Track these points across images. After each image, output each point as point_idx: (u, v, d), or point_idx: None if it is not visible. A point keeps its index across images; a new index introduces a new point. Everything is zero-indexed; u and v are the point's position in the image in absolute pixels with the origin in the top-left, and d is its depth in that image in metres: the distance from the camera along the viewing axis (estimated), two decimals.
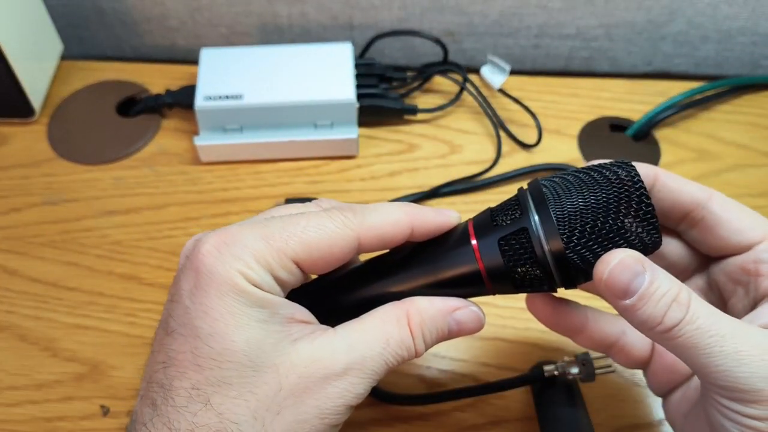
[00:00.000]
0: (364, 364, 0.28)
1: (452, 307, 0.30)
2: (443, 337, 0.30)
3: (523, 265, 0.29)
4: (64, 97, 0.58)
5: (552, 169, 0.53)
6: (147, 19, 0.62)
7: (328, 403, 0.27)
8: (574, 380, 0.41)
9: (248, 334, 0.27)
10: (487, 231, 0.29)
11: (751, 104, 0.58)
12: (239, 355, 0.26)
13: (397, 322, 0.29)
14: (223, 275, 0.27)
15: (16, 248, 0.49)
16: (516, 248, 0.28)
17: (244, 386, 0.26)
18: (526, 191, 0.30)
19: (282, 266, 0.28)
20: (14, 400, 0.42)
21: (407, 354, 0.29)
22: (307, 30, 0.62)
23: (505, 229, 0.29)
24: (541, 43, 0.62)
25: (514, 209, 0.29)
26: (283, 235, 0.28)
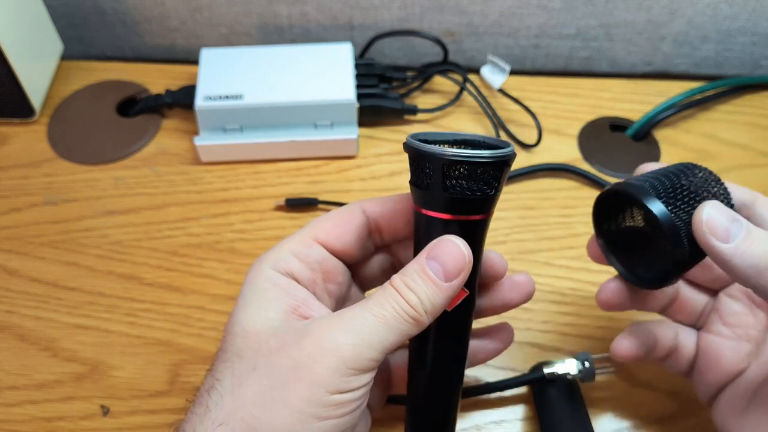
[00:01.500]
0: (344, 321, 0.29)
1: (425, 253, 0.30)
2: (435, 283, 0.29)
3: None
4: (64, 97, 0.58)
5: (552, 169, 0.53)
6: (147, 19, 0.62)
7: (305, 359, 0.28)
8: (574, 380, 0.41)
9: (253, 312, 0.30)
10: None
11: (751, 104, 0.58)
12: (239, 328, 0.30)
13: (382, 289, 0.29)
14: (257, 265, 0.32)
15: (17, 248, 0.49)
16: None
17: (232, 351, 0.29)
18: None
19: (305, 245, 0.32)
20: (14, 400, 0.42)
21: (398, 305, 0.29)
22: (307, 30, 0.62)
23: None
24: (541, 43, 0.62)
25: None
26: (307, 227, 0.33)
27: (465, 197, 0.29)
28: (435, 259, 0.29)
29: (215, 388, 0.28)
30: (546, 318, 0.46)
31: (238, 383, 0.28)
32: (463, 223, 0.30)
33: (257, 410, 0.27)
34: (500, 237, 0.50)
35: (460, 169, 0.29)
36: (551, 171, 0.54)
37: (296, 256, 0.32)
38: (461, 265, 0.29)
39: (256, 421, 0.27)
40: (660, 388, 0.43)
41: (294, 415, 0.27)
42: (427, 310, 0.29)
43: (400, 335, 0.29)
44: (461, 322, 0.32)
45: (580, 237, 0.50)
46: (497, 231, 0.50)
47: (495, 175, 0.29)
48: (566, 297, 0.47)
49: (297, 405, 0.27)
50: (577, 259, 0.48)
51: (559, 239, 0.50)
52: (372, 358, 0.28)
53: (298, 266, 0.32)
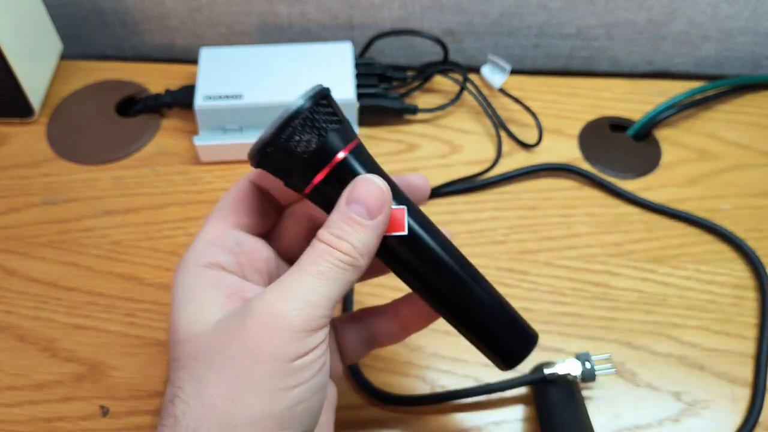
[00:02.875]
0: (281, 289, 0.28)
1: (343, 200, 0.29)
2: (362, 224, 0.29)
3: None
4: (63, 97, 0.58)
5: (553, 169, 0.53)
6: (146, 18, 0.62)
7: (256, 340, 0.27)
8: (574, 381, 0.41)
9: (191, 314, 0.29)
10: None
11: (751, 104, 0.58)
12: (183, 334, 0.29)
13: (311, 247, 0.29)
14: (181, 267, 0.31)
15: (16, 248, 0.49)
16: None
17: (185, 357, 0.29)
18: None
19: (219, 233, 0.32)
20: (13, 400, 0.42)
21: (332, 256, 0.28)
22: (307, 29, 0.62)
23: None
24: (542, 42, 0.62)
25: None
26: (213, 216, 0.33)
27: (322, 141, 0.29)
28: (355, 202, 0.29)
29: (179, 397, 0.28)
30: (547, 318, 0.46)
31: (200, 386, 0.27)
32: (345, 162, 0.30)
33: (228, 406, 0.27)
34: (500, 237, 0.50)
35: (293, 127, 0.29)
36: (551, 171, 0.53)
37: (215, 246, 0.31)
38: (381, 198, 0.29)
39: (230, 417, 0.27)
40: (661, 389, 0.43)
41: (265, 397, 0.27)
42: (362, 253, 0.29)
43: (342, 285, 0.29)
44: (424, 229, 0.31)
45: (580, 237, 0.50)
46: (497, 231, 0.50)
47: (324, 110, 0.29)
48: (567, 297, 0.47)
49: (265, 386, 0.27)
50: (578, 259, 0.48)
51: (560, 239, 0.50)
52: (321, 316, 0.28)
53: (221, 255, 0.31)
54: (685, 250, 0.49)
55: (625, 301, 0.46)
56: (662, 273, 0.48)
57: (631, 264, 0.48)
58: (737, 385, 0.43)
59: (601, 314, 0.46)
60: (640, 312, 0.46)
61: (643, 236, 0.50)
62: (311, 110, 0.29)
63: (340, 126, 0.30)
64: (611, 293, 0.47)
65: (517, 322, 0.33)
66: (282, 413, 0.27)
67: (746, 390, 0.43)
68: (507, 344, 0.33)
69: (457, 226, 0.50)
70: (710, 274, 0.48)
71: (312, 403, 0.28)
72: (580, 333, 0.44)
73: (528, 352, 0.33)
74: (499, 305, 0.33)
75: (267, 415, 0.27)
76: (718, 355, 0.44)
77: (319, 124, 0.29)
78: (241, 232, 0.32)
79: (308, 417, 0.28)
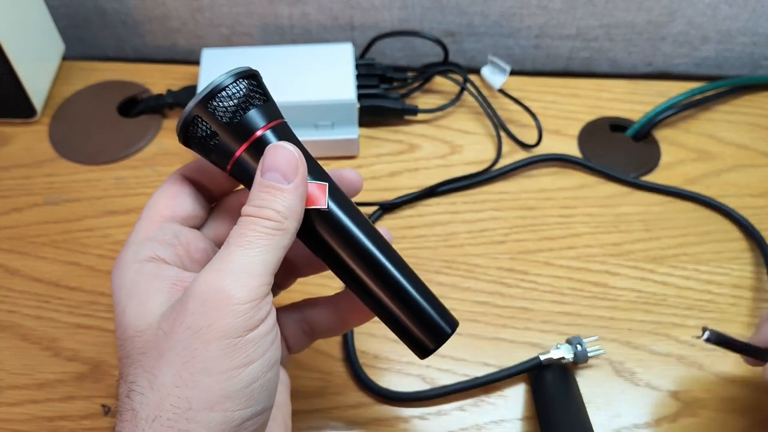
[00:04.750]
0: (213, 266, 0.28)
1: (258, 173, 0.30)
2: (281, 189, 0.29)
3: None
4: (65, 98, 0.58)
5: (551, 159, 0.53)
6: (148, 19, 0.62)
7: (200, 321, 0.27)
8: (569, 369, 0.42)
9: (136, 309, 0.29)
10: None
11: (751, 104, 0.58)
12: (131, 331, 0.29)
13: (237, 223, 0.29)
14: (119, 265, 0.31)
15: (18, 248, 0.49)
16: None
17: (135, 352, 0.28)
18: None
19: (155, 227, 0.32)
20: (16, 399, 0.42)
21: (257, 225, 0.29)
22: (308, 30, 0.62)
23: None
24: (542, 43, 0.62)
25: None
26: (147, 211, 0.33)
27: (246, 115, 0.30)
28: (269, 170, 0.29)
29: (134, 391, 0.27)
30: (546, 318, 0.46)
31: (153, 376, 0.27)
32: (265, 138, 0.30)
33: (183, 391, 0.26)
34: (500, 237, 0.50)
35: (217, 99, 0.30)
36: (552, 170, 0.54)
37: (153, 240, 0.31)
38: (293, 160, 0.29)
39: (187, 403, 0.26)
40: (660, 388, 0.43)
41: (221, 378, 0.27)
42: (287, 216, 0.29)
43: (275, 249, 0.29)
44: (343, 206, 0.31)
45: (580, 237, 0.50)
46: (497, 231, 0.50)
47: (250, 87, 0.31)
48: (566, 297, 0.47)
49: (217, 366, 0.27)
50: (577, 259, 0.49)
51: (559, 239, 0.50)
52: (261, 284, 0.28)
53: (159, 249, 0.31)
54: (684, 250, 0.49)
55: (624, 301, 0.47)
56: (661, 273, 0.48)
57: (630, 264, 0.48)
58: (736, 384, 0.43)
59: (601, 314, 0.46)
60: (639, 312, 0.46)
61: (642, 236, 0.50)
62: (235, 84, 0.30)
63: (264, 105, 0.31)
64: (610, 293, 0.47)
65: (434, 310, 0.32)
66: (238, 392, 0.27)
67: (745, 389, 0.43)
68: (422, 331, 0.32)
69: (457, 226, 0.50)
70: (709, 274, 0.48)
71: (267, 379, 0.28)
72: (580, 332, 0.45)
73: (441, 342, 0.32)
74: (417, 291, 0.32)
75: (224, 395, 0.27)
76: (716, 355, 0.44)
77: (244, 98, 0.30)
78: (177, 224, 0.32)
79: (266, 394, 0.28)
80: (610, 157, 0.54)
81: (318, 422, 0.41)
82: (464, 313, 0.46)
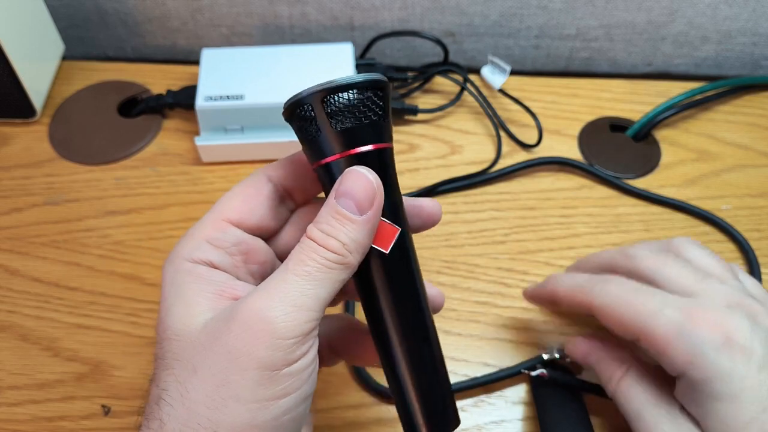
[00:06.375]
0: (268, 292, 0.27)
1: (333, 194, 0.28)
2: (351, 219, 0.27)
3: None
4: (65, 98, 0.58)
5: (551, 162, 0.54)
6: (148, 19, 0.62)
7: (240, 345, 0.26)
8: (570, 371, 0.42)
9: (179, 311, 0.28)
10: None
11: (751, 104, 0.58)
12: (170, 332, 0.28)
13: (299, 245, 0.28)
14: (172, 260, 0.29)
15: (18, 248, 0.49)
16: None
17: (170, 356, 0.28)
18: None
19: (217, 229, 0.30)
20: (16, 399, 0.42)
21: (320, 255, 0.27)
22: (308, 30, 0.62)
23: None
24: (542, 43, 0.62)
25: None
26: (215, 208, 0.31)
27: (354, 125, 0.28)
28: (344, 196, 0.27)
29: (163, 399, 0.27)
30: (546, 317, 0.46)
31: (184, 390, 0.26)
32: (362, 156, 0.28)
33: (212, 413, 0.26)
34: (500, 237, 0.50)
35: (337, 97, 0.28)
36: (552, 169, 0.54)
37: (211, 243, 0.29)
38: (371, 191, 0.27)
39: (214, 426, 0.26)
40: None
41: (251, 407, 0.26)
42: (351, 250, 0.27)
43: (332, 285, 0.27)
44: (404, 260, 0.30)
45: (580, 237, 0.50)
46: (497, 231, 0.50)
47: (373, 99, 0.28)
48: None
49: (250, 396, 0.26)
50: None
51: (560, 239, 0.50)
52: (309, 320, 0.26)
53: (215, 254, 0.29)
54: None
55: None
56: None
57: None
58: None
59: None
60: None
61: (642, 236, 0.50)
62: (363, 91, 0.28)
63: (380, 121, 0.29)
64: None
65: (444, 402, 0.31)
66: (267, 423, 0.26)
67: None
68: (423, 419, 0.30)
69: (457, 226, 0.50)
70: None
71: (298, 413, 0.27)
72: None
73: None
74: (439, 373, 0.31)
75: (251, 424, 0.26)
76: None
77: (363, 108, 0.28)
78: (242, 231, 0.30)
79: (294, 426, 0.28)
80: (610, 158, 0.54)
81: (319, 422, 0.41)
82: (464, 313, 0.46)
